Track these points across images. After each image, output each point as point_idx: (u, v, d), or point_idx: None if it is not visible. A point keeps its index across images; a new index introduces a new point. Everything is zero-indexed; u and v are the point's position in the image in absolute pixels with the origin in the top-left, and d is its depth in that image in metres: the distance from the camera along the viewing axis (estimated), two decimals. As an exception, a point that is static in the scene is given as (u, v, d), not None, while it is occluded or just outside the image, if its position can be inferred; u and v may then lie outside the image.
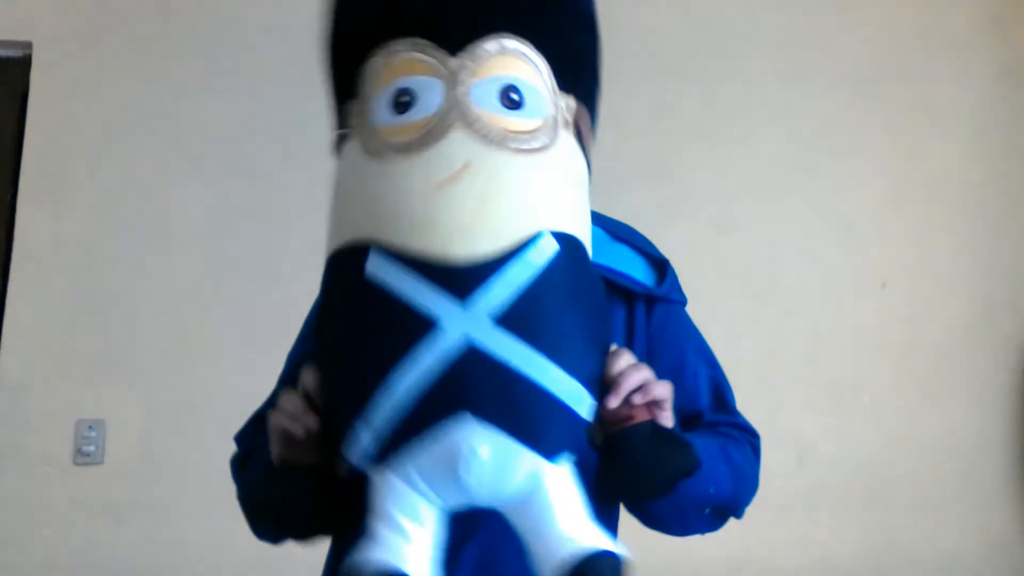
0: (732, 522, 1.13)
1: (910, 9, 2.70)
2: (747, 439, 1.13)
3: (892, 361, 2.57)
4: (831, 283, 2.58)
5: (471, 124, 0.88)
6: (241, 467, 1.13)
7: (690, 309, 1.18)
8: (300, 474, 0.94)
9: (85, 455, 2.34)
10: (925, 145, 2.66)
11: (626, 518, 1.10)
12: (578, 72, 0.97)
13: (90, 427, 2.35)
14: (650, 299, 1.13)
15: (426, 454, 0.85)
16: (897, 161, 2.65)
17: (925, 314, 2.59)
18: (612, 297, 1.10)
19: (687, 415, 1.09)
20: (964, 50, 2.70)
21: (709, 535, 1.13)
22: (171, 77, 2.51)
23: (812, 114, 2.64)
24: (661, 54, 2.63)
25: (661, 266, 1.15)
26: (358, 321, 0.88)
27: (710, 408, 1.13)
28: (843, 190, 2.62)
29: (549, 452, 0.87)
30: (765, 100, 2.63)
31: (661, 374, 1.11)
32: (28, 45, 2.50)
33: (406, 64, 0.91)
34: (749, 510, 1.13)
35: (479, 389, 0.84)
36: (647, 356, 1.09)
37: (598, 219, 1.17)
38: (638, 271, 1.13)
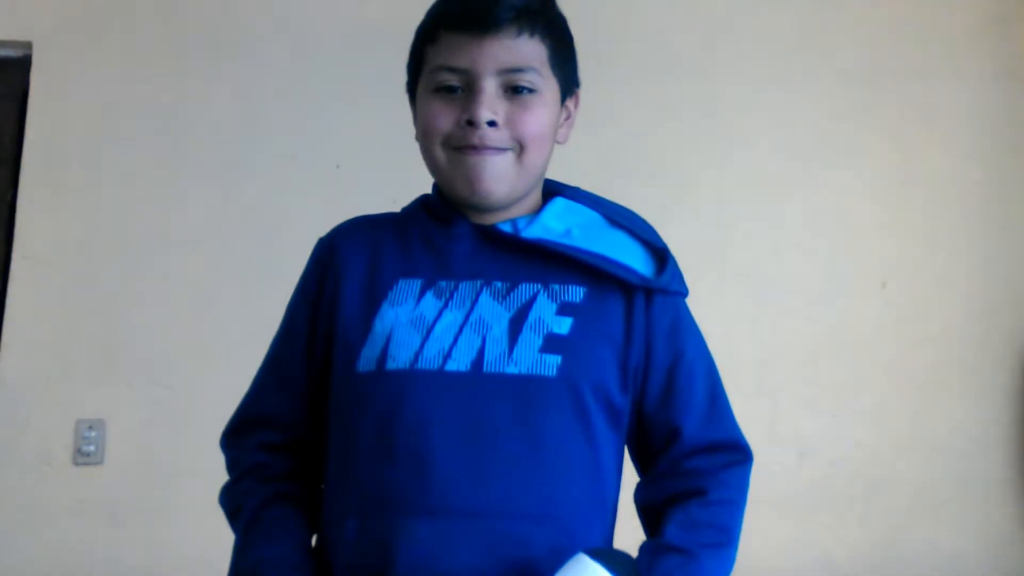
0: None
1: (910, 9, 2.70)
2: (730, 483, 1.09)
3: (892, 361, 2.56)
4: (831, 283, 2.58)
5: None
6: (231, 517, 1.12)
7: (691, 309, 1.17)
8: None
9: (85, 455, 2.34)
10: (925, 145, 2.66)
11: (626, 517, 1.10)
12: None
13: (90, 427, 2.35)
14: (649, 289, 1.10)
15: None
16: (897, 161, 2.65)
17: (925, 314, 2.59)
18: (610, 288, 1.08)
19: (672, 427, 1.08)
20: (964, 50, 2.69)
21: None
22: (171, 77, 2.51)
23: (812, 114, 2.64)
24: (661, 54, 2.63)
25: (661, 255, 1.12)
26: None
27: (703, 418, 1.09)
28: (843, 189, 2.62)
29: None
30: (765, 99, 2.63)
31: (657, 368, 1.10)
32: (28, 45, 2.50)
33: None
34: (749, 510, 1.13)
35: None
36: (644, 349, 1.08)
37: (596, 202, 1.16)
38: (636, 260, 1.10)
